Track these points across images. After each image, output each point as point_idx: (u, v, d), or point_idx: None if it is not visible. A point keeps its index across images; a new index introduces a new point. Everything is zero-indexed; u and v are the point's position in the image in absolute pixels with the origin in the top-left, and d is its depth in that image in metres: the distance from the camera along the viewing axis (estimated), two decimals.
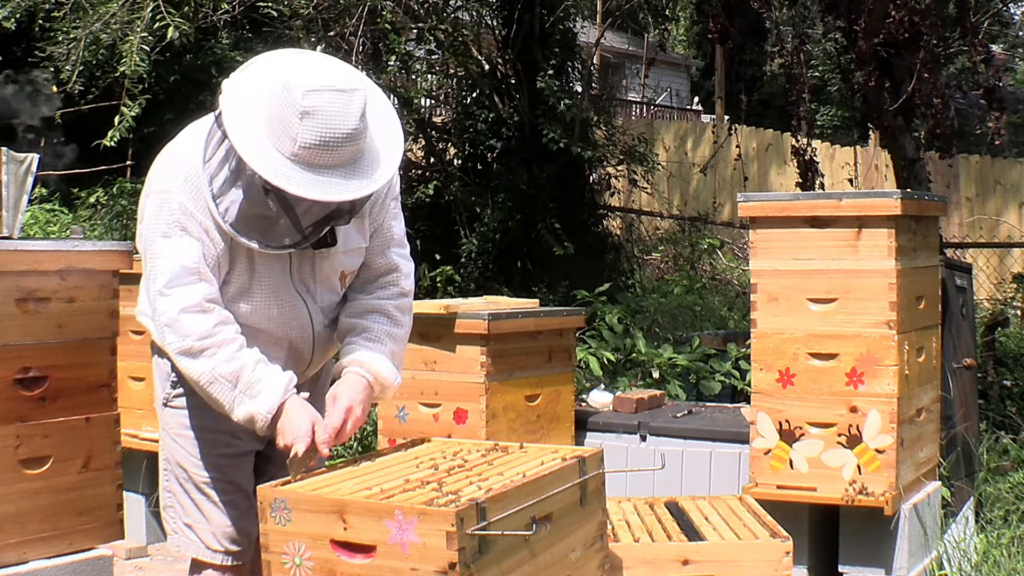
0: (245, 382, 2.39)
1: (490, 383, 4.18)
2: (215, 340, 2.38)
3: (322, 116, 2.24)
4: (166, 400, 2.63)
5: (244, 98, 2.32)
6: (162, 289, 2.38)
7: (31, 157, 7.68)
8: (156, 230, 2.40)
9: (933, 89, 6.26)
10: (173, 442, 2.62)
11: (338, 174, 2.29)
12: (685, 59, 24.60)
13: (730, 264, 11.18)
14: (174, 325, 2.38)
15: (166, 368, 2.62)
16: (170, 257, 2.38)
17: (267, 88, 2.30)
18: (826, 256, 3.73)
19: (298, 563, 2.18)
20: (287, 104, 2.25)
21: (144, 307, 2.61)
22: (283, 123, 2.26)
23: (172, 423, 2.62)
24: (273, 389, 2.41)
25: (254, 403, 2.39)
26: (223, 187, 2.37)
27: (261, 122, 2.28)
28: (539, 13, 8.31)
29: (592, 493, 2.48)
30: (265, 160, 2.26)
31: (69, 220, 9.97)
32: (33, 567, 2.99)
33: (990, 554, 3.93)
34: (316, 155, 2.26)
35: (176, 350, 2.40)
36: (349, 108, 2.27)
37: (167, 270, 2.38)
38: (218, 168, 2.37)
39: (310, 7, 7.37)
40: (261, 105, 2.29)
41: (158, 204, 2.41)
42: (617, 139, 8.98)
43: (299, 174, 2.26)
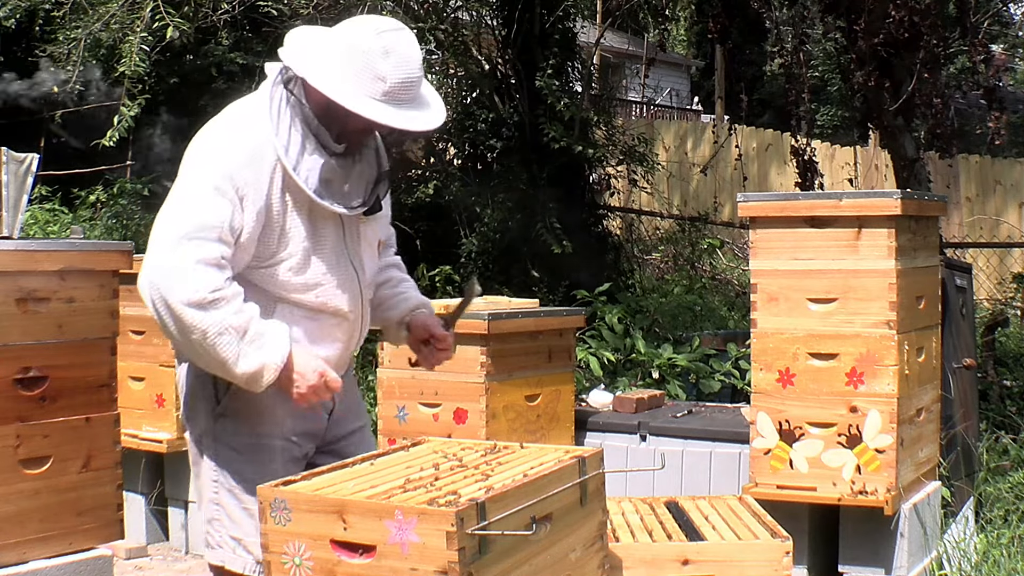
0: (252, 334, 2.35)
1: (490, 383, 4.18)
2: (225, 293, 2.33)
3: (400, 52, 2.39)
4: (222, 412, 2.53)
5: (316, 58, 2.42)
6: (184, 236, 2.33)
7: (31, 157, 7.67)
8: (198, 181, 2.38)
9: (933, 89, 6.26)
10: (232, 451, 2.53)
11: (416, 107, 2.45)
12: (685, 59, 24.59)
13: (730, 264, 11.18)
14: (187, 274, 2.30)
15: (210, 381, 2.52)
16: (201, 210, 2.35)
17: (334, 44, 2.42)
18: (826, 256, 3.73)
19: (298, 563, 2.18)
20: (365, 49, 2.38)
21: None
22: (366, 66, 2.38)
23: (229, 430, 2.53)
24: (280, 338, 2.39)
25: (262, 353, 2.35)
26: (299, 155, 2.43)
27: (346, 73, 2.39)
28: (539, 13, 8.30)
29: (592, 493, 2.48)
30: (365, 105, 2.37)
31: (69, 220, 9.97)
32: (33, 567, 2.99)
33: (990, 554, 3.93)
34: (402, 90, 2.40)
35: (184, 299, 2.30)
36: (414, 43, 2.44)
37: (195, 221, 2.34)
38: (288, 137, 2.43)
39: (310, 7, 7.36)
40: (336, 58, 2.40)
41: (209, 158, 2.41)
42: (617, 139, 8.98)
43: (394, 111, 2.40)
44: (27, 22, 8.06)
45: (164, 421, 4.70)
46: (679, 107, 21.92)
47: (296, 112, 2.44)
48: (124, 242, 3.35)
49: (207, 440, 2.56)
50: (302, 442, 2.59)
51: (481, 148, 8.74)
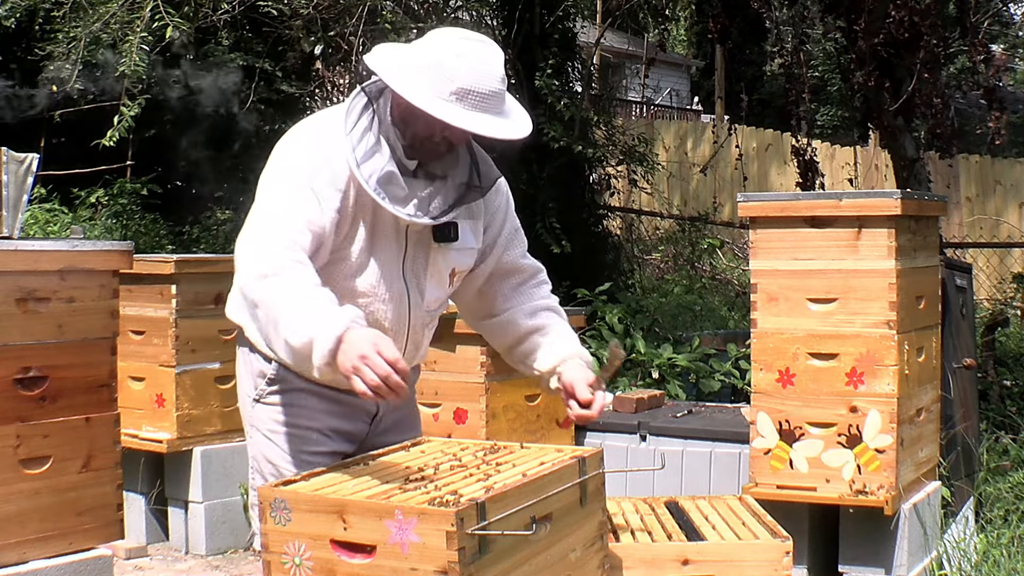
0: (309, 307, 2.25)
1: (490, 383, 4.18)
2: (285, 266, 2.31)
3: (474, 57, 2.38)
4: (259, 396, 2.58)
5: (396, 62, 2.44)
6: (261, 227, 2.36)
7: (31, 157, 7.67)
8: (277, 185, 2.41)
9: (933, 89, 6.26)
10: (265, 439, 2.58)
11: (491, 114, 2.40)
12: (685, 59, 24.60)
13: (730, 264, 11.18)
14: (255, 252, 2.33)
15: (259, 365, 2.58)
16: (281, 209, 2.37)
17: (416, 49, 2.45)
18: (826, 256, 3.72)
19: (298, 563, 2.18)
20: (441, 51, 2.39)
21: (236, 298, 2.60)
22: (439, 66, 2.37)
23: (264, 419, 2.58)
24: (339, 315, 2.24)
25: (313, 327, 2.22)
26: (365, 155, 2.42)
27: (419, 73, 2.39)
28: (539, 13, 8.31)
29: (592, 493, 2.48)
30: (430, 101, 2.35)
31: (69, 220, 9.97)
32: (33, 567, 2.99)
33: (990, 554, 3.93)
34: (475, 94, 2.37)
35: (250, 274, 2.32)
36: (495, 56, 2.42)
37: (273, 217, 2.37)
38: (361, 138, 2.44)
39: (310, 7, 7.37)
40: (415, 60, 2.41)
41: (288, 164, 2.43)
42: (617, 139, 8.98)
43: (461, 112, 2.36)
44: (27, 22, 8.06)
45: (164, 421, 4.70)
46: (679, 107, 21.92)
47: (373, 118, 2.46)
48: (124, 242, 3.35)
49: (248, 426, 2.63)
50: (337, 439, 2.60)
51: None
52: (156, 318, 4.72)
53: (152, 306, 4.72)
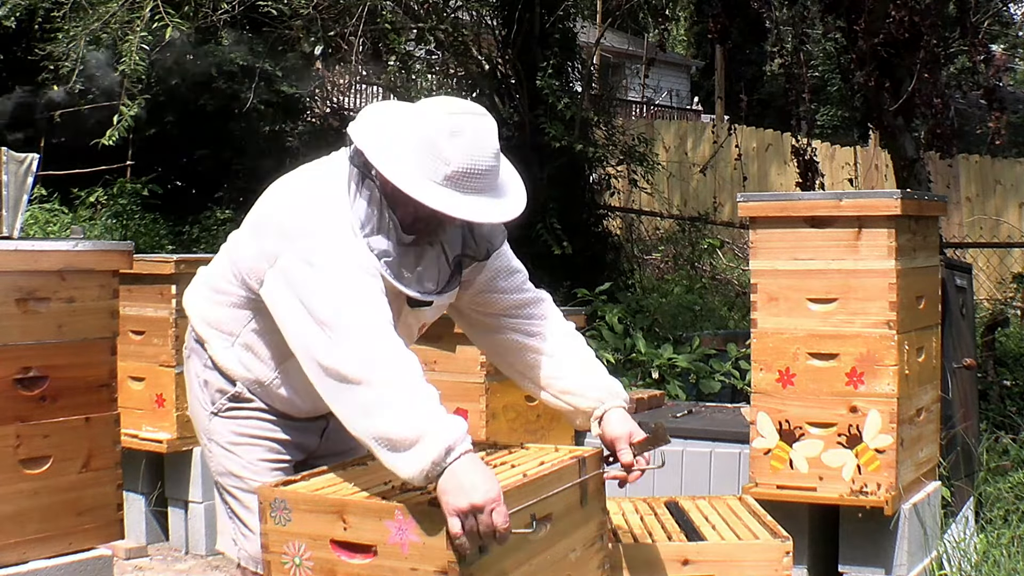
0: (423, 401, 2.12)
1: (490, 383, 4.17)
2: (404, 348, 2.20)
3: (469, 135, 2.24)
4: (217, 411, 2.55)
5: (383, 136, 2.29)
6: (354, 321, 2.18)
7: (31, 157, 7.69)
8: (341, 266, 2.23)
9: (933, 89, 6.26)
10: (225, 451, 2.56)
11: (488, 195, 2.28)
12: (685, 59, 24.60)
13: (730, 264, 11.18)
14: (370, 342, 2.16)
15: (218, 383, 2.55)
16: (367, 299, 2.22)
17: (405, 122, 2.29)
18: (826, 256, 3.72)
19: (298, 563, 2.18)
20: (433, 129, 2.23)
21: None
22: (432, 147, 2.23)
23: (223, 431, 2.55)
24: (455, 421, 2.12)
25: (429, 422, 2.08)
26: (370, 232, 2.30)
27: (408, 153, 2.25)
28: (539, 13, 8.31)
29: (592, 493, 2.48)
30: (421, 188, 2.22)
31: (69, 220, 9.98)
32: (33, 567, 2.99)
33: (990, 554, 3.93)
34: (468, 176, 2.24)
35: (369, 362, 2.14)
36: (489, 129, 2.28)
37: (366, 312, 2.20)
38: (366, 214, 2.31)
39: (310, 7, 7.37)
40: (404, 137, 2.26)
41: (329, 244, 2.25)
42: (617, 139, 8.98)
43: (457, 197, 2.23)
44: (27, 21, 8.06)
45: (164, 421, 4.70)
46: (679, 107, 21.92)
47: (369, 194, 2.32)
48: (124, 242, 3.36)
49: (206, 439, 2.60)
50: (291, 450, 2.60)
51: None
52: (156, 318, 4.72)
53: (152, 306, 4.72)
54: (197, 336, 2.60)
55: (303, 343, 2.25)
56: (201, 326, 2.58)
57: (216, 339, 2.54)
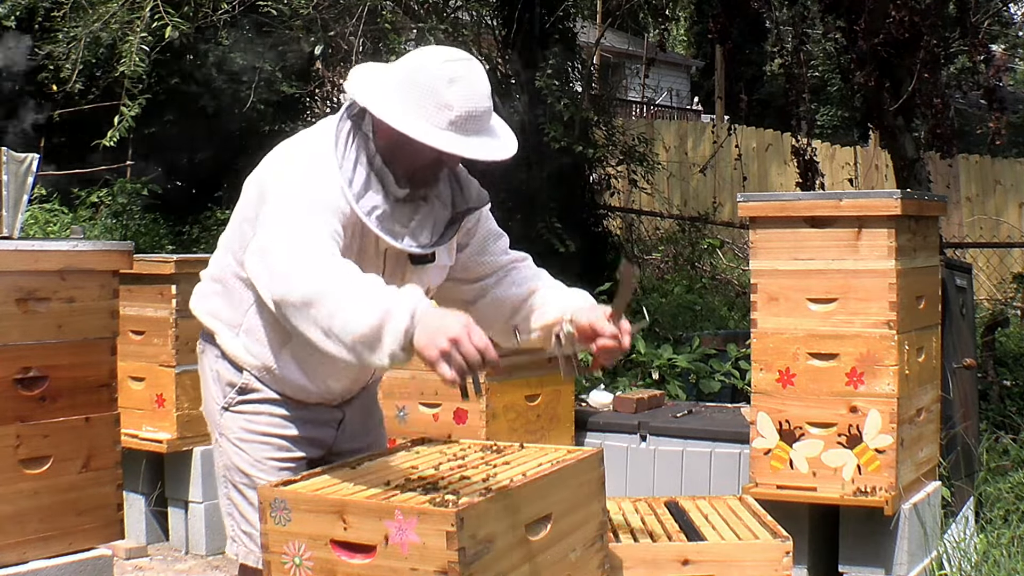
0: (372, 289, 2.15)
1: (490, 383, 4.17)
2: (335, 262, 2.21)
3: (467, 80, 2.32)
4: (227, 405, 2.55)
5: (383, 91, 2.35)
6: (290, 241, 2.23)
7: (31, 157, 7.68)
8: (288, 210, 2.27)
9: (933, 89, 6.26)
10: (234, 447, 2.56)
11: (486, 136, 2.37)
12: (685, 59, 24.60)
13: (730, 264, 11.18)
14: (275, 264, 2.21)
15: (229, 375, 2.55)
16: (302, 225, 2.25)
17: (398, 74, 2.36)
18: (826, 256, 3.72)
19: (298, 563, 2.18)
20: (431, 77, 2.31)
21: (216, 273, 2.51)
22: (432, 94, 2.30)
23: (233, 427, 2.55)
24: (411, 292, 2.16)
25: (386, 301, 2.10)
26: (361, 190, 2.35)
27: (410, 103, 2.31)
28: (539, 13, 8.31)
29: (592, 493, 2.48)
30: (431, 135, 2.28)
31: (69, 220, 9.98)
32: (33, 567, 3.00)
33: (990, 554, 3.92)
34: (469, 119, 2.32)
35: (298, 275, 2.17)
36: (482, 72, 2.37)
37: (298, 231, 2.23)
38: (353, 171, 2.36)
39: (310, 7, 7.36)
40: (403, 89, 2.33)
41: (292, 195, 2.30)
42: (617, 139, 8.98)
43: (461, 140, 2.31)
44: (27, 20, 8.07)
45: (164, 421, 4.70)
46: (679, 107, 21.92)
47: (362, 148, 2.38)
48: (124, 242, 3.36)
49: (217, 435, 2.59)
50: (305, 446, 2.59)
51: None
52: (156, 318, 4.72)
53: (152, 306, 4.73)
54: (206, 330, 2.59)
55: (258, 286, 2.31)
56: (208, 319, 2.58)
57: (223, 330, 2.55)
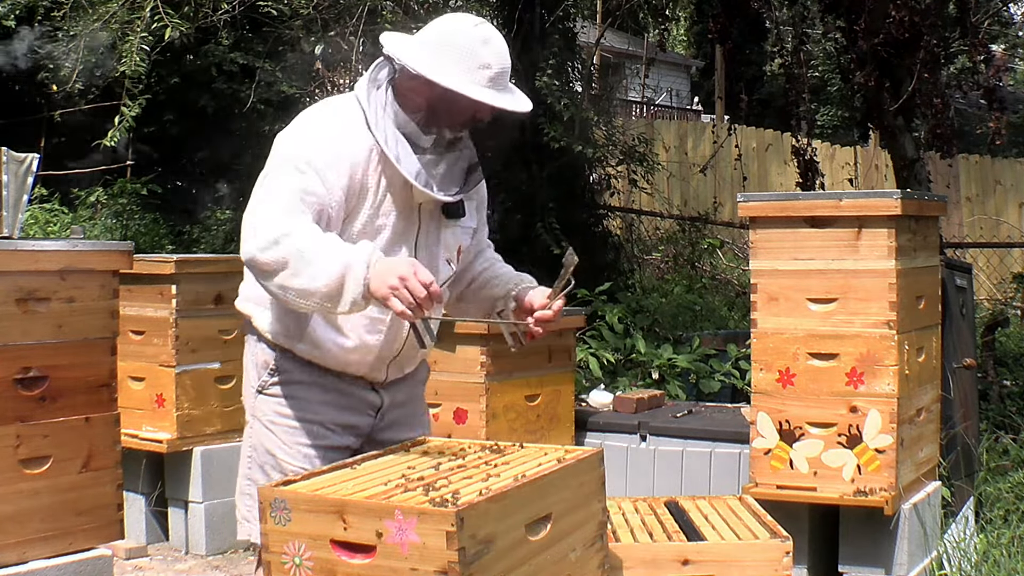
0: (323, 248, 2.34)
1: (490, 383, 4.18)
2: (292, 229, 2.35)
3: (497, 41, 2.57)
4: (261, 387, 2.61)
5: (427, 53, 2.52)
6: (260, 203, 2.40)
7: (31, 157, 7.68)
8: (278, 166, 2.45)
9: (933, 89, 6.26)
10: (265, 429, 2.61)
11: (510, 92, 2.64)
12: (685, 59, 24.60)
13: (730, 264, 11.17)
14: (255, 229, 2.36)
15: (264, 355, 2.62)
16: (278, 185, 2.41)
17: (438, 39, 2.54)
18: (826, 256, 3.72)
19: (298, 563, 2.18)
20: (469, 39, 2.52)
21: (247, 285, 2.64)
22: (473, 55, 2.51)
23: (266, 410, 2.61)
24: (361, 247, 2.36)
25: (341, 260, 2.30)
26: (396, 146, 2.51)
27: (454, 66, 2.50)
28: (539, 13, 8.30)
29: (592, 493, 2.48)
30: (477, 92, 2.51)
31: (69, 220, 9.97)
32: (33, 567, 3.00)
33: (990, 554, 3.92)
34: (500, 76, 2.58)
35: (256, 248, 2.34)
36: (500, 34, 2.61)
37: (272, 192, 2.41)
38: (386, 129, 2.51)
39: (310, 7, 7.36)
40: (444, 52, 2.51)
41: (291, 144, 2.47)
42: (617, 139, 8.97)
43: (499, 96, 2.57)
44: (27, 19, 8.07)
45: (164, 421, 4.70)
46: (679, 107, 21.92)
47: (392, 109, 2.53)
48: (124, 242, 3.36)
49: (249, 416, 2.65)
50: (341, 433, 2.63)
51: (481, 148, 8.72)
52: (156, 318, 4.72)
53: (152, 306, 4.73)
54: (245, 317, 2.67)
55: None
56: (243, 305, 2.67)
57: (257, 310, 2.62)
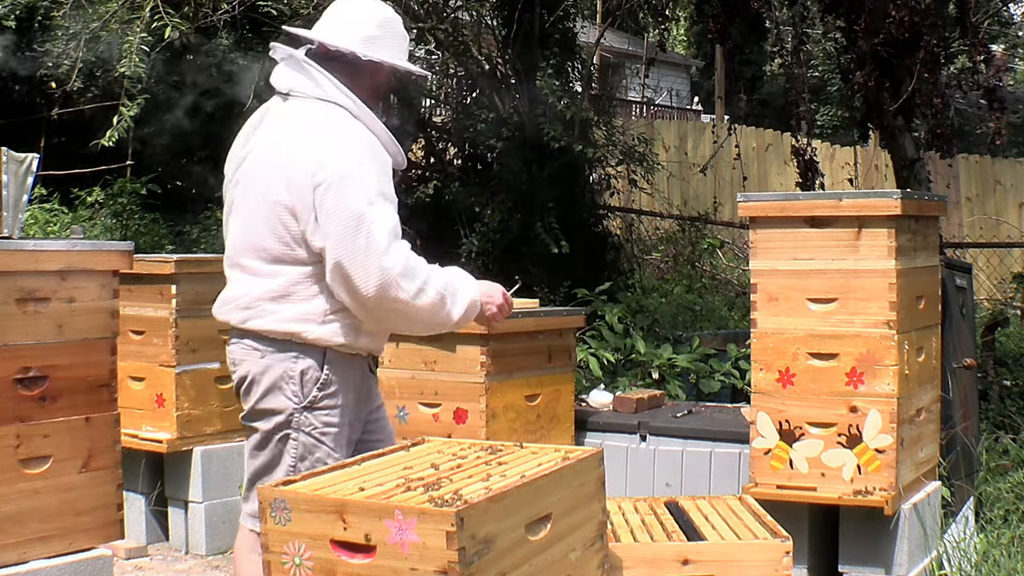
0: (451, 287, 2.85)
1: (490, 383, 4.17)
2: (430, 266, 2.82)
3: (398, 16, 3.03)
4: (312, 403, 2.80)
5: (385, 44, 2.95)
6: (387, 248, 2.71)
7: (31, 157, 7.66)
8: (370, 194, 2.74)
9: (933, 89, 6.26)
10: (315, 441, 2.81)
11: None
12: (685, 59, 24.60)
13: (730, 264, 11.17)
14: (407, 271, 2.73)
15: (314, 372, 2.81)
16: (386, 218, 2.74)
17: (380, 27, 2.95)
18: (826, 256, 3.73)
19: (298, 563, 2.18)
20: (399, 25, 2.99)
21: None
22: (404, 38, 3.00)
23: (315, 423, 2.81)
24: (465, 276, 2.95)
25: (464, 294, 2.88)
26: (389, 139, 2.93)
27: (397, 48, 2.98)
28: (539, 13, 8.29)
29: (592, 493, 2.48)
30: (416, 68, 3.08)
31: (69, 220, 9.96)
32: (33, 567, 3.00)
33: (990, 554, 3.92)
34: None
35: (414, 291, 2.73)
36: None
37: (387, 227, 2.73)
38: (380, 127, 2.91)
39: (310, 7, 7.35)
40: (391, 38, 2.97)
41: (366, 171, 2.76)
42: (617, 139, 8.97)
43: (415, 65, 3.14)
44: (27, 19, 8.06)
45: (164, 421, 4.70)
46: (679, 107, 21.92)
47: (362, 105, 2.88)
48: (124, 242, 3.36)
49: (289, 430, 2.81)
50: (356, 427, 2.88)
51: (481, 148, 8.73)
52: (156, 318, 4.72)
53: (152, 306, 4.72)
54: (279, 336, 2.81)
55: (365, 271, 2.83)
56: (290, 325, 2.80)
57: (310, 327, 2.80)
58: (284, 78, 2.97)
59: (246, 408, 2.87)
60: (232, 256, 2.96)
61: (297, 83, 2.91)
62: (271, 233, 2.79)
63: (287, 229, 2.76)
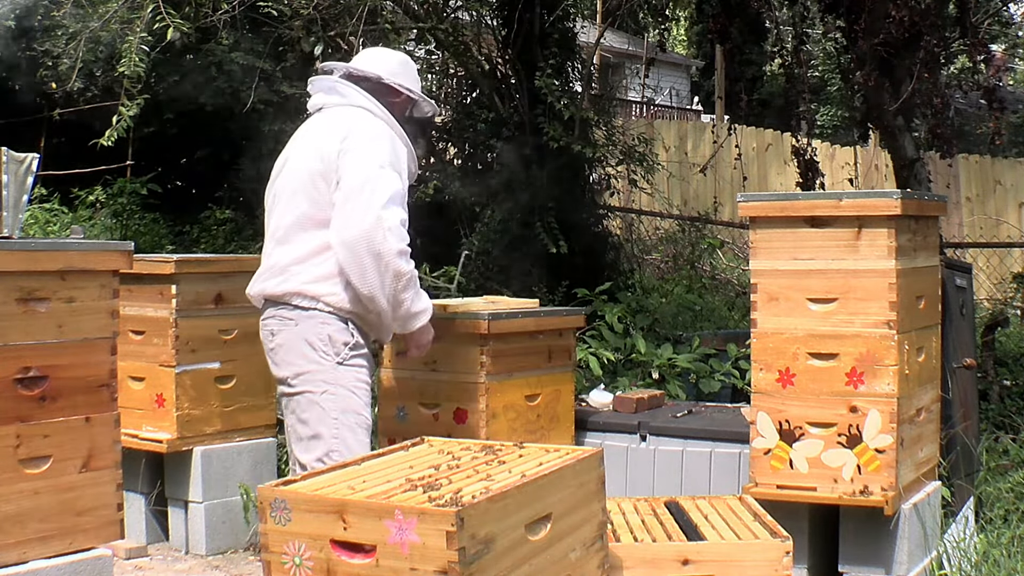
0: (422, 292, 3.44)
1: (490, 383, 4.17)
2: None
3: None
4: (343, 360, 3.34)
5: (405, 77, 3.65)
6: (387, 203, 3.25)
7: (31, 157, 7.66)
8: (382, 160, 3.32)
9: (933, 89, 6.26)
10: (351, 394, 3.34)
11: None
12: (685, 59, 24.60)
13: (730, 264, 11.17)
14: (396, 230, 3.24)
15: (342, 335, 3.35)
16: (392, 183, 3.30)
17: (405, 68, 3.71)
18: (826, 256, 3.73)
19: (298, 563, 2.18)
20: (413, 68, 3.72)
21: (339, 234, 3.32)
22: (417, 81, 3.70)
23: (350, 378, 3.35)
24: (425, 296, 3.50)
25: (425, 300, 3.47)
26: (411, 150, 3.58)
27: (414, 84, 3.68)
28: (539, 13, 8.29)
29: (592, 493, 2.48)
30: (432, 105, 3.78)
31: (69, 220, 9.96)
32: (33, 567, 2.99)
33: (990, 554, 3.93)
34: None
35: (397, 250, 3.25)
36: None
37: (391, 190, 3.29)
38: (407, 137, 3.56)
39: (310, 7, 7.35)
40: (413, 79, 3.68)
41: (382, 144, 3.37)
42: (617, 139, 8.96)
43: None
44: (27, 19, 8.06)
45: (164, 421, 4.70)
46: (679, 107, 21.93)
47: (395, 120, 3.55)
48: (124, 242, 3.36)
49: (329, 387, 3.32)
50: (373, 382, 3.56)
51: (481, 148, 8.73)
52: (156, 318, 4.72)
53: (152, 306, 4.73)
54: (309, 297, 3.34)
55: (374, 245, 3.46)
56: (315, 287, 3.33)
57: (335, 289, 3.31)
58: (318, 99, 3.58)
59: (285, 374, 3.35)
60: (271, 233, 3.46)
61: (328, 100, 3.52)
62: (306, 198, 3.33)
63: (319, 192, 3.30)
